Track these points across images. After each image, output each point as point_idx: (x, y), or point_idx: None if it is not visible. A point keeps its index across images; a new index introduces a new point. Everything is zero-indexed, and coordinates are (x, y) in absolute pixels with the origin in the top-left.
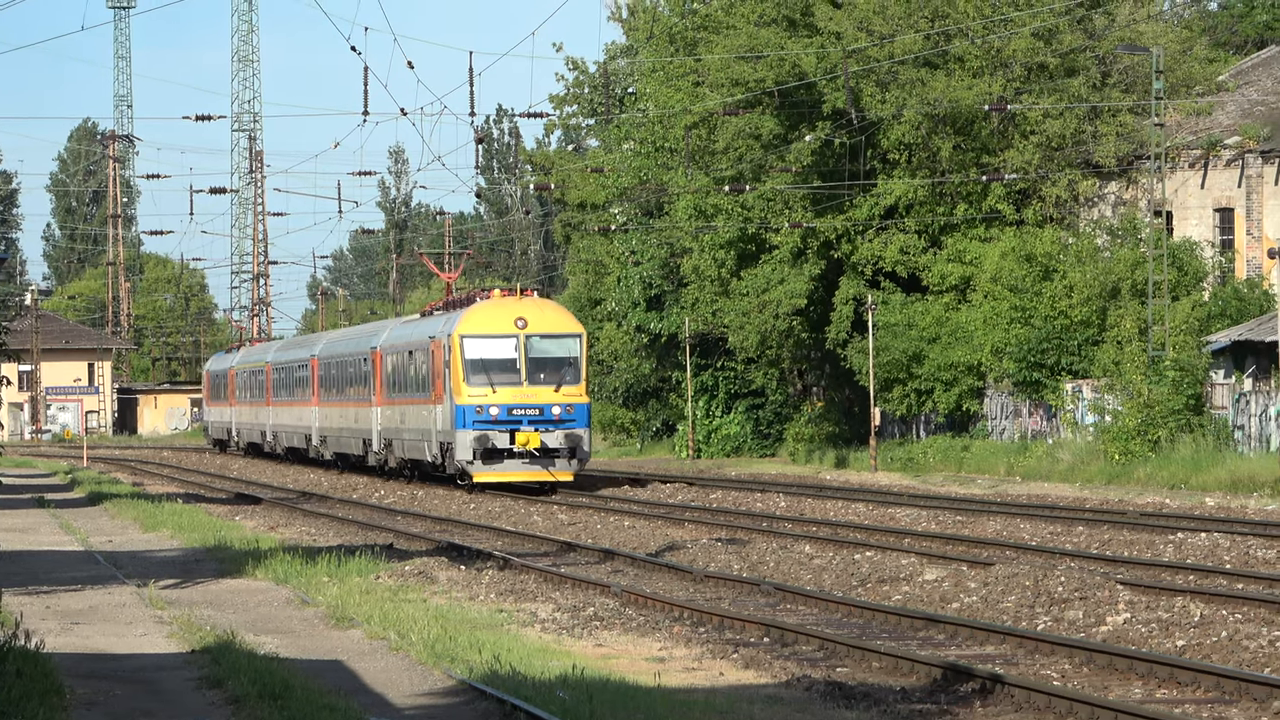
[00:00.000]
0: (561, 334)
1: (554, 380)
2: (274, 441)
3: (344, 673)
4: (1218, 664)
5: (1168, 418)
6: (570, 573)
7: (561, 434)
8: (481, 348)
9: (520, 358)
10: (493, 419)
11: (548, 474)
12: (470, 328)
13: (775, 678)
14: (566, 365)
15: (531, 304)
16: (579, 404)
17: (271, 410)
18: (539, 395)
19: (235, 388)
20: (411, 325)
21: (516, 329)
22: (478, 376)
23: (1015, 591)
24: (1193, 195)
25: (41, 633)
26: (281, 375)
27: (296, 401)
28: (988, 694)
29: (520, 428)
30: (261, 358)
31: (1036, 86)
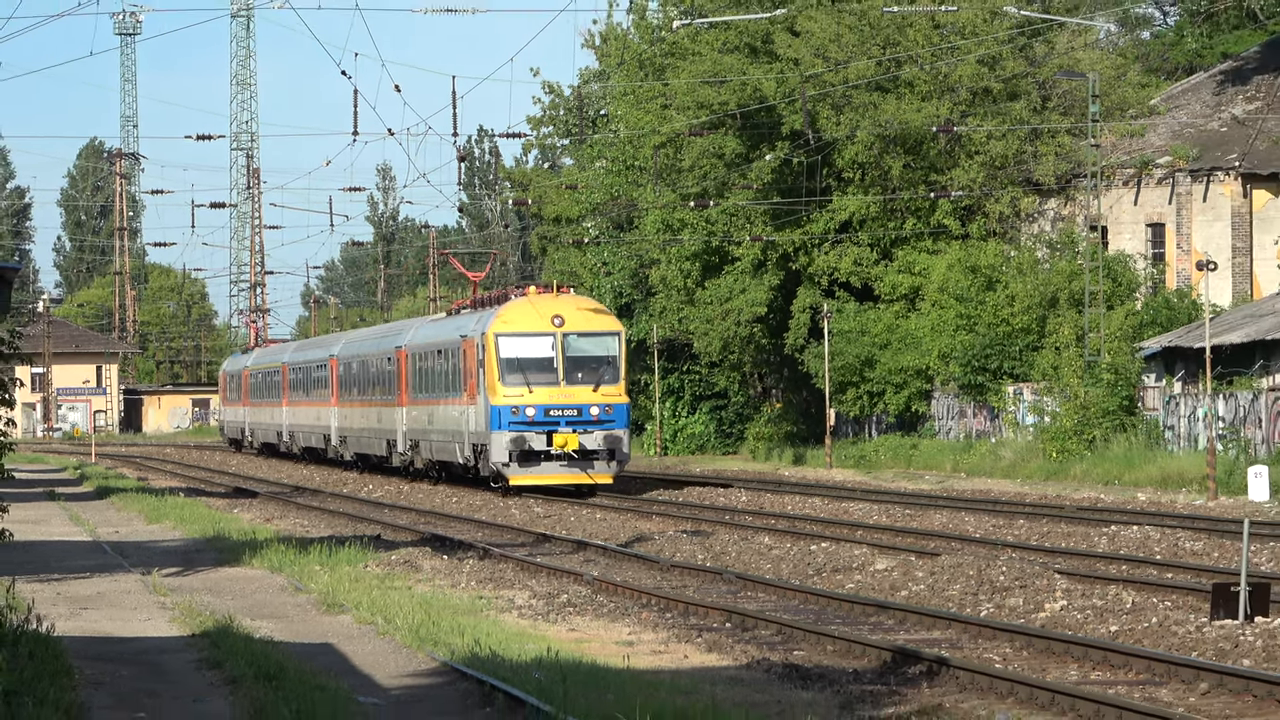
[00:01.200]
0: (600, 332)
1: (592, 380)
2: (290, 441)
3: (334, 655)
4: (1148, 648)
5: (1102, 418)
6: (545, 562)
7: (600, 435)
8: (517, 346)
9: (557, 356)
10: (529, 420)
11: (586, 476)
12: (505, 326)
13: (736, 660)
14: (605, 364)
15: (568, 301)
16: (618, 404)
17: (287, 410)
18: (577, 395)
19: (249, 388)
20: (439, 324)
21: (553, 327)
22: (513, 376)
23: (960, 580)
24: (1126, 211)
25: (52, 617)
26: (298, 375)
27: (314, 401)
28: (934, 676)
29: (558, 429)
30: (277, 358)
31: (981, 110)
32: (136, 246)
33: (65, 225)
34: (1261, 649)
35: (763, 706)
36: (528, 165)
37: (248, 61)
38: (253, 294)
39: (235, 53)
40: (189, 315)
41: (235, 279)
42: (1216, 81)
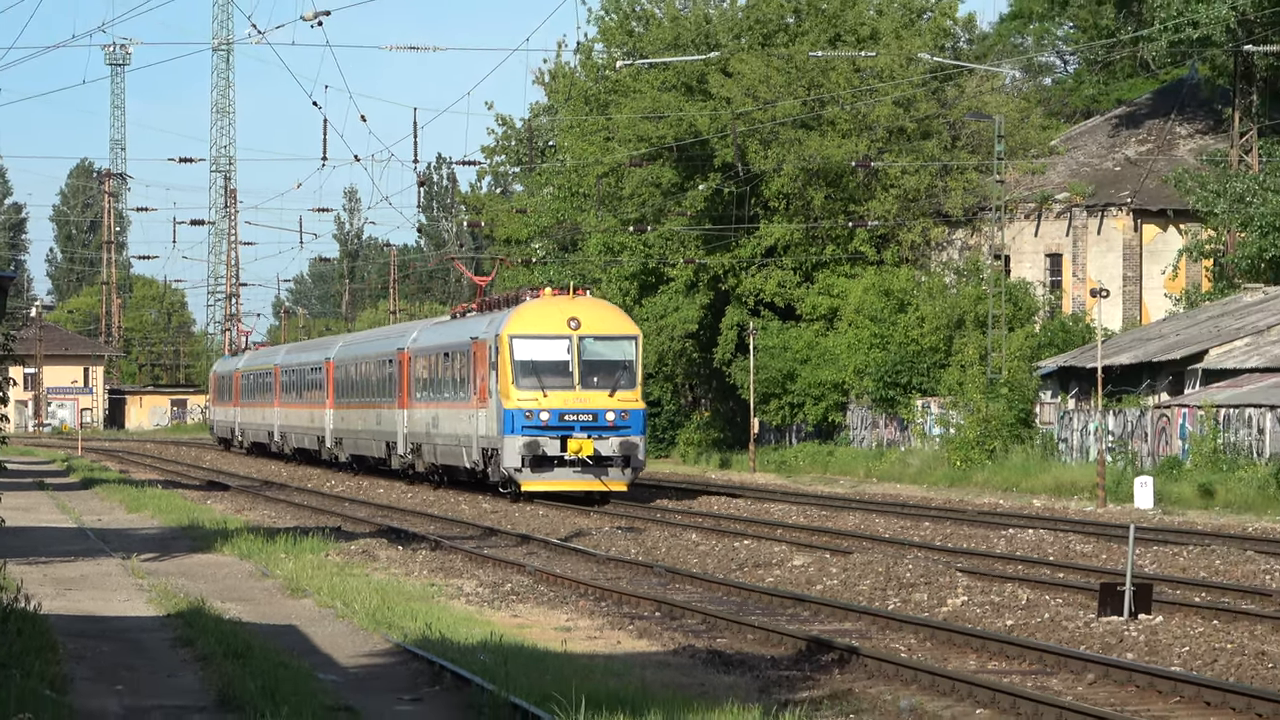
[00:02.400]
0: (616, 335)
1: (608, 384)
2: (282, 442)
3: (297, 636)
4: (1041, 641)
5: (1002, 430)
6: (492, 554)
7: (616, 441)
8: (532, 349)
9: (573, 360)
10: (543, 424)
11: (600, 484)
12: (520, 327)
13: (665, 646)
14: (621, 369)
15: (585, 303)
16: (634, 410)
17: (280, 411)
18: (592, 400)
19: (240, 389)
20: (445, 326)
21: (569, 329)
22: (527, 379)
23: (870, 576)
24: (1027, 242)
25: (39, 597)
26: (291, 377)
27: (308, 404)
28: (845, 663)
29: (572, 434)
30: (269, 360)
31: (896, 147)
32: (122, 259)
33: (57, 238)
34: (1144, 643)
35: (688, 689)
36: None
37: (227, 91)
38: (228, 304)
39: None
40: (169, 323)
41: (212, 290)
42: (1111, 125)
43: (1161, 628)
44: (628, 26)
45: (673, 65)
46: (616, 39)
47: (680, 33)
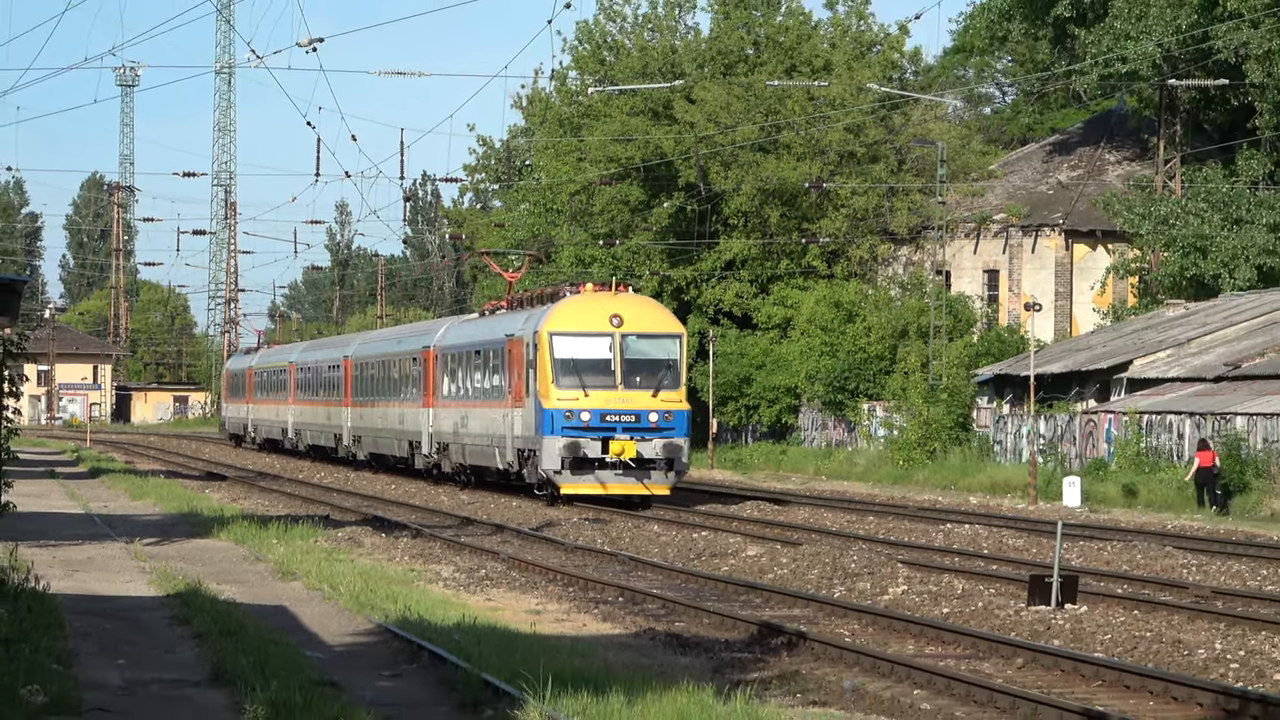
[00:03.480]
0: (660, 333)
1: (651, 384)
2: (296, 439)
3: (287, 616)
4: (974, 628)
5: (941, 433)
6: (468, 541)
7: (659, 443)
8: (573, 346)
9: (615, 358)
10: (584, 425)
11: (643, 487)
12: (560, 324)
13: (627, 629)
14: (665, 368)
15: (627, 300)
16: (678, 410)
17: (294, 409)
18: (635, 400)
19: (254, 386)
20: (475, 324)
21: (612, 327)
22: (568, 378)
23: (818, 566)
24: (967, 259)
25: (48, 577)
26: (307, 375)
27: (325, 401)
28: (794, 646)
29: (614, 435)
30: (284, 358)
31: (847, 170)
32: (130, 265)
33: (70, 246)
34: (1069, 631)
35: (647, 669)
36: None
37: (228, 111)
38: (227, 308)
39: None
40: (173, 325)
41: (213, 295)
42: (1045, 152)
43: (1086, 617)
44: (599, 56)
45: (641, 92)
46: (589, 67)
47: (648, 62)
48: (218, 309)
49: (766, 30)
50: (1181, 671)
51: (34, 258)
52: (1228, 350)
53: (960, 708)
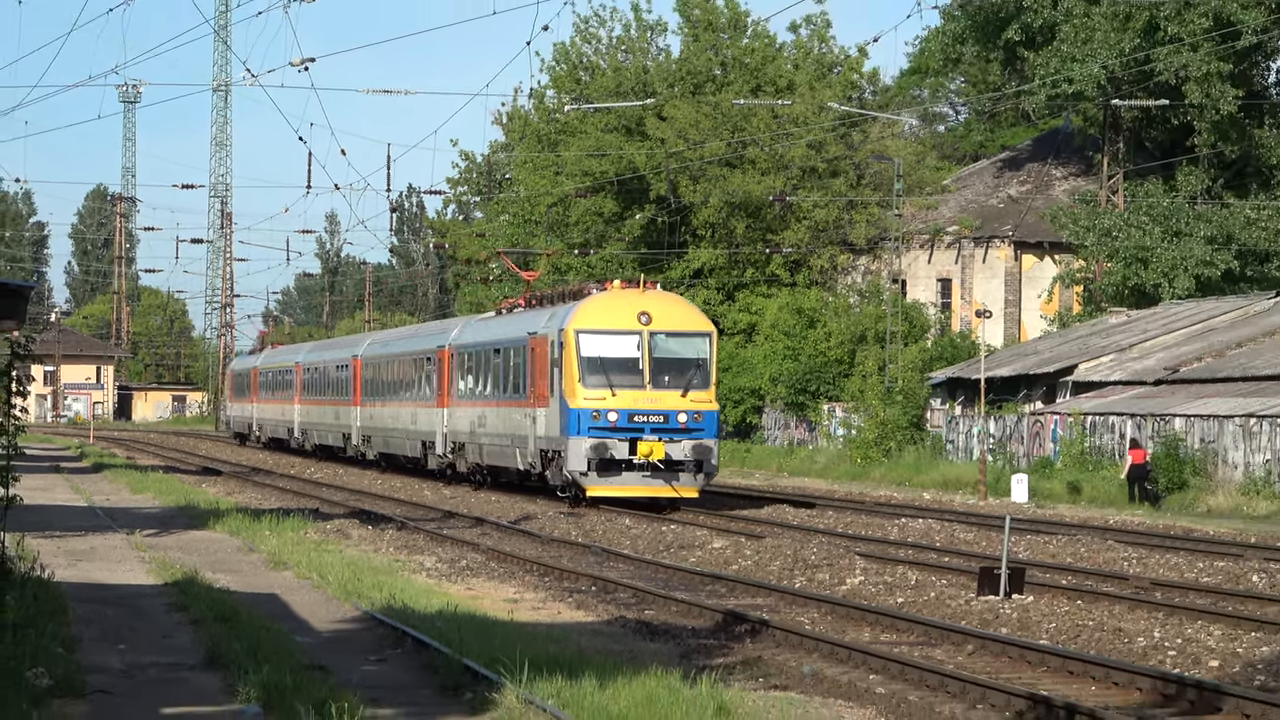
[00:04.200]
0: (690, 332)
1: (680, 384)
2: (302, 438)
3: (278, 603)
4: (927, 616)
5: (897, 433)
6: (450, 534)
7: (689, 444)
8: (600, 345)
9: (643, 357)
10: (611, 425)
11: (671, 489)
12: (587, 322)
13: (599, 617)
14: (694, 367)
15: (655, 297)
16: (708, 411)
17: (300, 408)
18: (664, 400)
19: (258, 386)
20: (492, 322)
21: (640, 325)
22: (595, 377)
23: (779, 558)
24: (921, 268)
25: (53, 567)
26: (313, 375)
27: (333, 401)
28: (757, 633)
29: (642, 436)
30: (290, 359)
31: (808, 184)
32: (131, 272)
33: (75, 253)
34: (1017, 620)
35: (618, 655)
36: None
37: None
38: (223, 313)
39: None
40: (172, 328)
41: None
42: (996, 168)
43: (1032, 606)
44: (575, 75)
45: (614, 110)
46: (565, 86)
47: (621, 81)
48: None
49: (733, 52)
50: (1122, 658)
51: (41, 264)
52: (1167, 355)
53: (913, 692)
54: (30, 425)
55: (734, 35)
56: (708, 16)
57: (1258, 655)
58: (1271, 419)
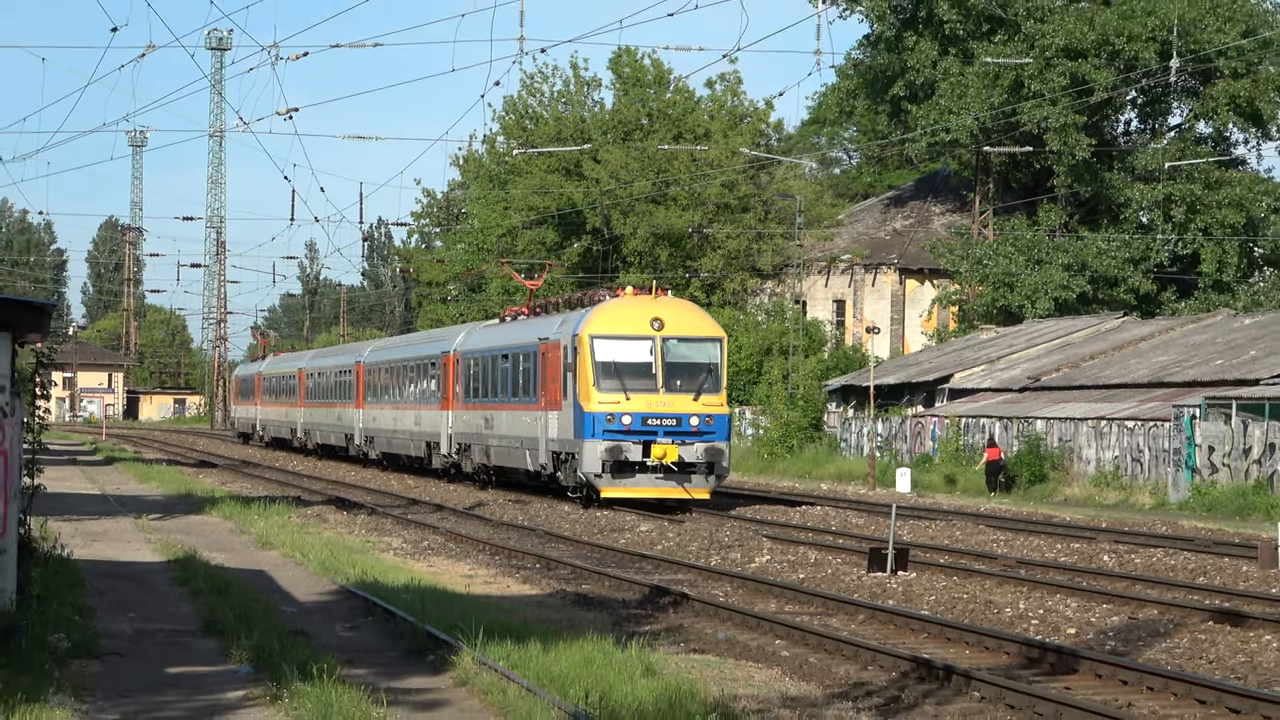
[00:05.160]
0: (701, 337)
1: (692, 388)
2: (305, 438)
3: (266, 578)
4: (825, 590)
5: (798, 432)
6: (414, 518)
7: (701, 447)
8: (613, 350)
9: (656, 362)
10: (625, 429)
11: (683, 491)
12: (601, 327)
13: (542, 590)
14: (706, 372)
15: (668, 303)
16: (719, 415)
17: (304, 411)
18: (676, 404)
19: (262, 390)
20: (500, 329)
21: (652, 330)
22: (609, 381)
23: (698, 540)
24: (819, 291)
25: (71, 546)
26: (317, 380)
27: (335, 403)
28: (679, 605)
29: (656, 439)
30: (293, 365)
31: (722, 218)
32: (139, 292)
33: (90, 276)
34: (901, 593)
35: (560, 623)
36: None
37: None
38: (218, 327)
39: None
40: (173, 340)
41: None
42: (883, 205)
43: (915, 582)
44: (522, 124)
45: (555, 153)
46: (514, 133)
47: (561, 129)
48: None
49: (658, 105)
50: (992, 626)
51: (60, 285)
52: (1030, 366)
53: (813, 655)
54: (51, 424)
55: (659, 90)
56: (636, 74)
57: (1108, 624)
58: (1119, 421)
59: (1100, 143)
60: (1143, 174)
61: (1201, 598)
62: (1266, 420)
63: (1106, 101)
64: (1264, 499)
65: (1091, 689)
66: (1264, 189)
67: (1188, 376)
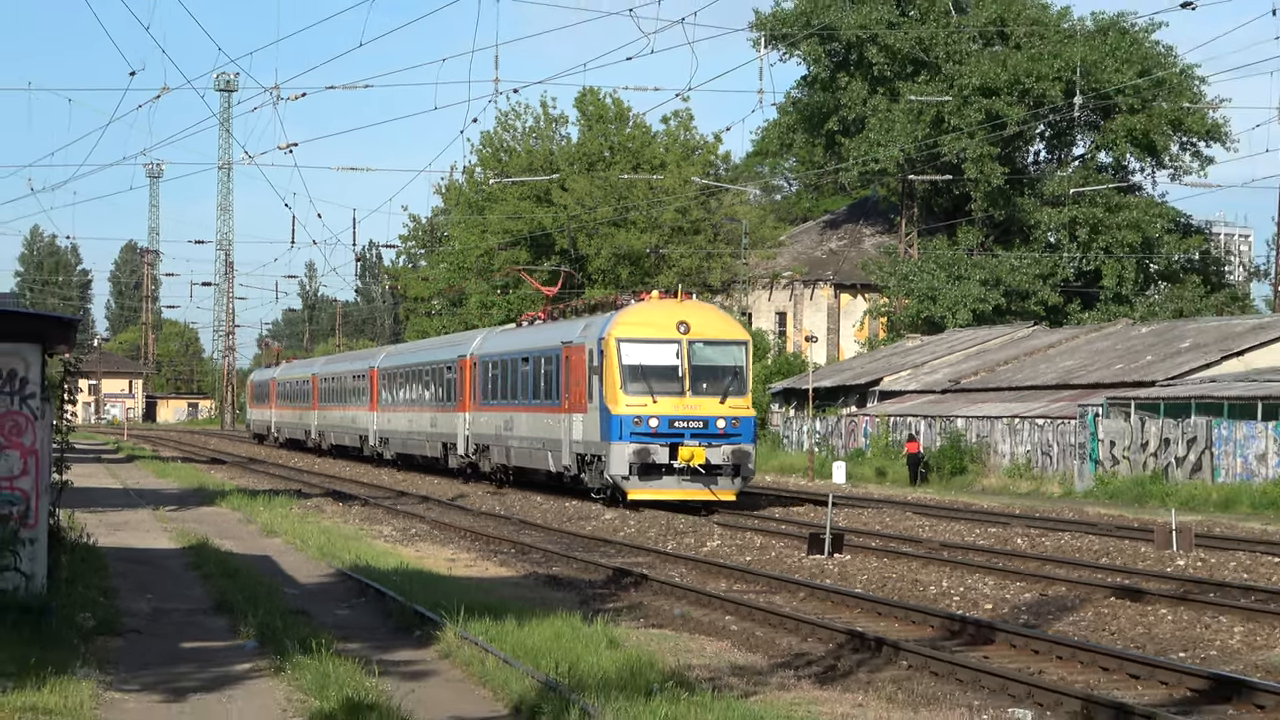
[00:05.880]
0: (727, 340)
1: (718, 391)
2: (319, 438)
3: (270, 563)
4: (769, 570)
5: None
6: (402, 509)
7: (728, 449)
8: (640, 353)
9: (683, 365)
10: (652, 431)
11: (709, 493)
12: (628, 330)
13: (518, 572)
14: (732, 374)
15: (693, 307)
16: (745, 417)
17: (317, 413)
18: (703, 406)
19: (276, 395)
20: (518, 334)
21: (679, 333)
22: (636, 384)
23: (655, 527)
24: (763, 304)
25: (96, 535)
26: (330, 385)
27: (350, 406)
28: (639, 584)
29: (683, 441)
30: (306, 371)
31: (677, 239)
32: (156, 308)
33: (112, 293)
34: (838, 573)
35: (533, 601)
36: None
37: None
38: (226, 339)
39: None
40: (187, 351)
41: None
42: (820, 227)
43: (849, 563)
44: (498, 156)
45: (527, 182)
46: (490, 164)
47: (532, 161)
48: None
49: (619, 139)
50: (919, 602)
51: (85, 302)
52: (951, 370)
53: (759, 628)
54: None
55: (619, 126)
56: (599, 111)
57: (1022, 600)
58: (1031, 419)
59: (1012, 171)
60: (1050, 199)
61: (1104, 576)
62: (1161, 418)
63: (1018, 134)
64: (1159, 488)
65: (1007, 658)
66: (1158, 212)
67: (1091, 379)
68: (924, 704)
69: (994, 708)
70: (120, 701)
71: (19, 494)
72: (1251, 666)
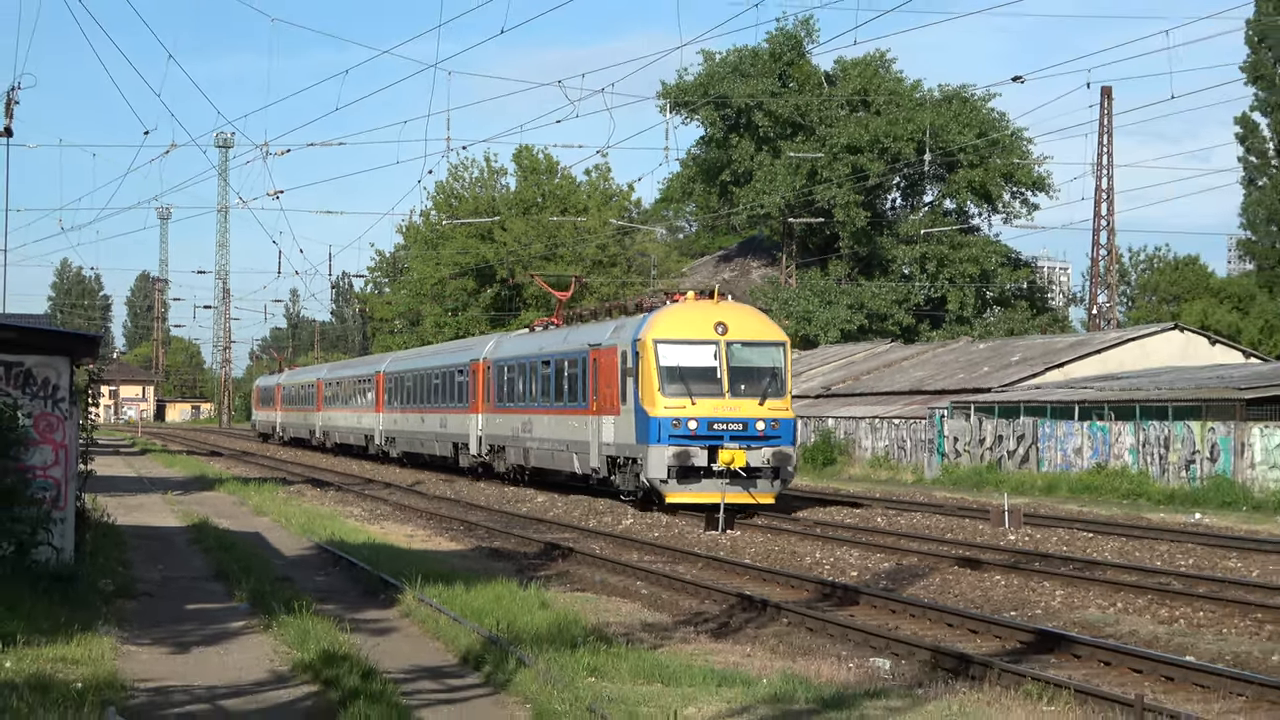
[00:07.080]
0: (765, 342)
1: (757, 392)
2: (324, 438)
3: (260, 538)
4: (673, 544)
5: None
6: (369, 493)
7: (768, 452)
8: (678, 354)
9: (721, 366)
10: (691, 433)
11: (749, 496)
12: (665, 332)
13: (465, 546)
14: (770, 376)
15: (730, 308)
16: (785, 419)
17: (321, 415)
18: (742, 408)
19: (281, 399)
20: (533, 338)
21: (717, 335)
22: (674, 386)
23: (579, 508)
24: None
25: (115, 515)
26: (335, 389)
27: (355, 409)
28: (566, 556)
29: (722, 444)
30: (311, 376)
31: (598, 271)
32: (165, 327)
33: (128, 315)
34: (730, 547)
35: (479, 571)
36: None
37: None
38: (224, 353)
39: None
40: (190, 362)
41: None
42: (715, 260)
43: (739, 539)
44: (450, 201)
45: (473, 223)
46: (443, 208)
47: (478, 206)
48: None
49: (549, 187)
50: (796, 570)
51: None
52: (824, 379)
53: (665, 592)
54: (100, 425)
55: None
56: (533, 164)
57: (882, 569)
58: (889, 419)
59: (874, 215)
60: (905, 238)
61: (949, 549)
62: (995, 418)
63: (878, 185)
64: (994, 476)
65: (869, 616)
66: (993, 249)
67: (938, 386)
68: (800, 654)
69: (858, 658)
70: (135, 654)
71: (51, 481)
72: (1070, 623)
